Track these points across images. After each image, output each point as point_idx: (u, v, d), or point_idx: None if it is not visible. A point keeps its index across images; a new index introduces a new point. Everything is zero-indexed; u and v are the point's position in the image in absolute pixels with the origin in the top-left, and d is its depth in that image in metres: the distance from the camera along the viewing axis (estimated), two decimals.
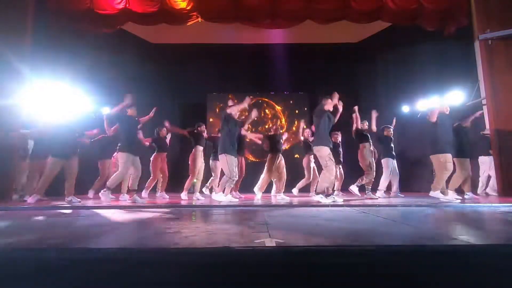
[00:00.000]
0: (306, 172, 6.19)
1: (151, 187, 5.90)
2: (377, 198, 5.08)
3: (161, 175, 5.93)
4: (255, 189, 5.31)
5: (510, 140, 5.34)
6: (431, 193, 4.50)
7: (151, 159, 5.80)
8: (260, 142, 5.98)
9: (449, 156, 4.43)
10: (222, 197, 4.57)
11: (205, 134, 5.65)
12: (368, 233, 1.97)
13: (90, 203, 4.46)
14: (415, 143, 6.73)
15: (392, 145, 5.74)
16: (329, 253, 1.39)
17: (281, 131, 5.96)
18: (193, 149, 5.48)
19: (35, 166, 5.10)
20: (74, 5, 5.93)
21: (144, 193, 5.74)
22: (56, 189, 4.94)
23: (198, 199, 5.18)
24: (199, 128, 5.56)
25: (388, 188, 5.73)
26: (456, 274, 1.25)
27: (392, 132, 5.83)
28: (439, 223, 2.59)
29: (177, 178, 6.39)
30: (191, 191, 5.56)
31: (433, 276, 1.24)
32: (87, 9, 5.90)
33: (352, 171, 6.17)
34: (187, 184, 5.38)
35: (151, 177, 5.79)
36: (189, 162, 5.43)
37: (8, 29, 5.25)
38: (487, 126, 5.72)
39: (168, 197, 5.68)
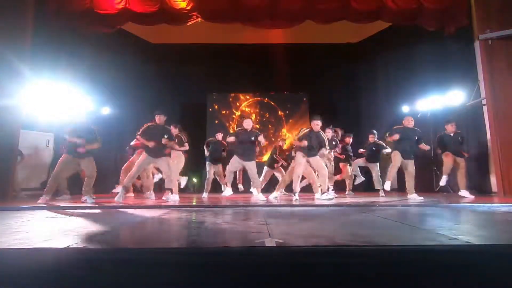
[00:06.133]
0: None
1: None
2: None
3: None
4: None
5: (509, 140, 5.33)
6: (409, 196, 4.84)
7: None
8: None
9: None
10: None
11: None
12: (368, 233, 1.97)
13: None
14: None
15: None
16: (329, 253, 1.39)
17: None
18: None
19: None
20: (74, 5, 5.91)
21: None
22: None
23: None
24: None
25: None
26: (456, 274, 1.25)
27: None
28: (439, 223, 2.59)
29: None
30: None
31: (433, 276, 1.24)
32: (87, 9, 5.88)
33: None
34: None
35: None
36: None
37: (8, 29, 5.22)
38: (487, 126, 5.72)
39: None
